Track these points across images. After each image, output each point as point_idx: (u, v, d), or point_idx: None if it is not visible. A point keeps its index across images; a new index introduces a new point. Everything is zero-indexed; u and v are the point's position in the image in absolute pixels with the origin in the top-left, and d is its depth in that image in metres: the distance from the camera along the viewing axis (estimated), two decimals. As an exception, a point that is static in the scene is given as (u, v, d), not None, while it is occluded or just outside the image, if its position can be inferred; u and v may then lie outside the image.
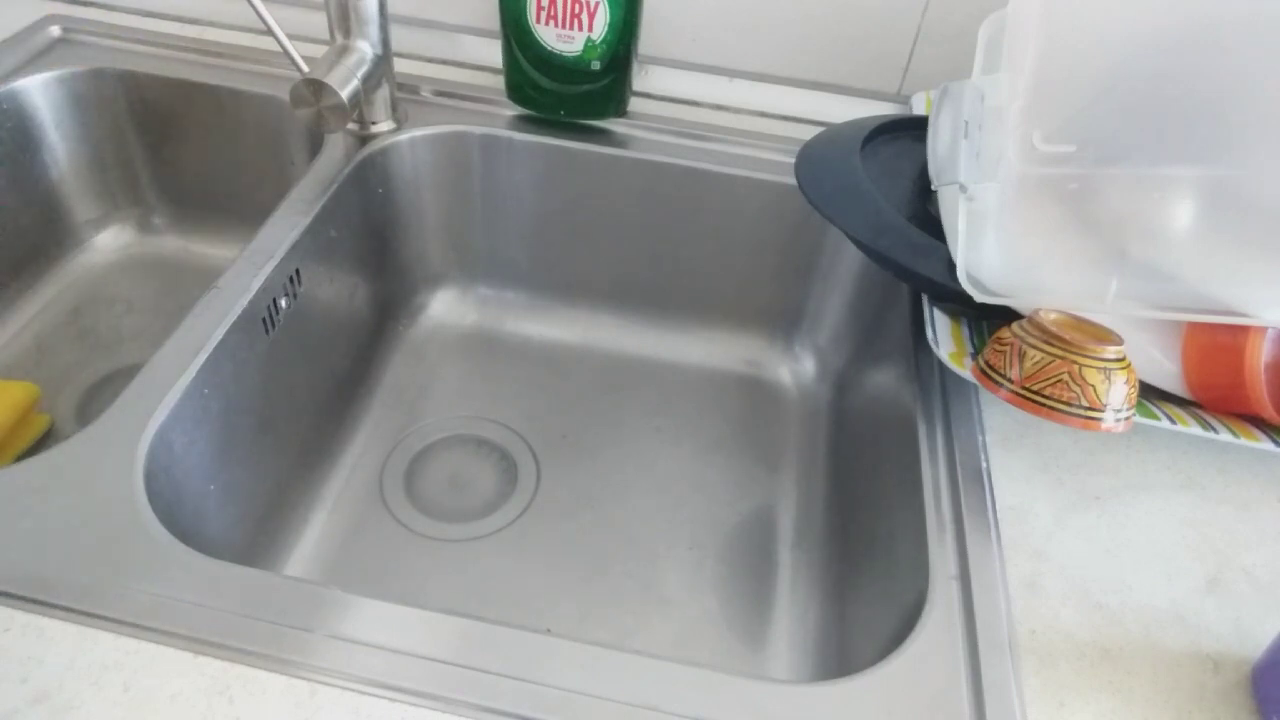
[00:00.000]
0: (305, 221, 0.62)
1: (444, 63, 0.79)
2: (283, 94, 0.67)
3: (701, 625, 0.62)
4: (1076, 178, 0.47)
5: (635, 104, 0.76)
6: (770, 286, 0.79)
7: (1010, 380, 0.47)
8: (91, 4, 0.81)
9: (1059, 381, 0.45)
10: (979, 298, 0.50)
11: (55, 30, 0.77)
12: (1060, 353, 0.45)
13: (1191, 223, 0.46)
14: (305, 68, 0.63)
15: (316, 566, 0.63)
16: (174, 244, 0.84)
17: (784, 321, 0.81)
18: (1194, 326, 0.50)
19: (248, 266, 0.57)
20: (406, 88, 0.75)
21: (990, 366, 0.48)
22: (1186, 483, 0.51)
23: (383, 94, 0.69)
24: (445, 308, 0.83)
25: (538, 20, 0.67)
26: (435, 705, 0.37)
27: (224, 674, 0.37)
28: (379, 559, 0.64)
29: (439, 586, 0.63)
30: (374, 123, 0.71)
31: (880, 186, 0.57)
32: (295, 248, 0.60)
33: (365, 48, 0.65)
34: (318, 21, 0.66)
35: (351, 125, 0.71)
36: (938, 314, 0.55)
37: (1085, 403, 0.45)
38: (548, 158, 0.74)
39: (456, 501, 0.68)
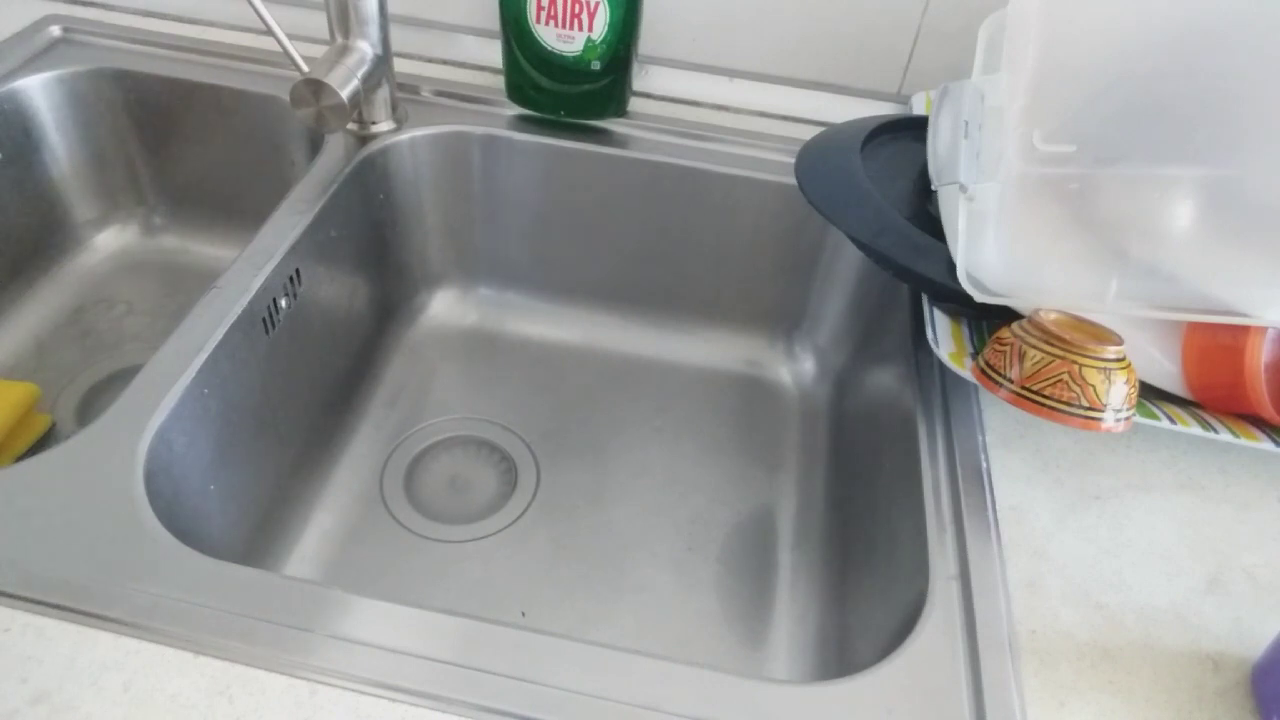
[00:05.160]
0: (305, 221, 0.62)
1: (444, 63, 0.79)
2: (283, 94, 0.67)
3: (701, 625, 0.62)
4: (1076, 178, 0.47)
5: (635, 104, 0.76)
6: (770, 286, 0.79)
7: (1010, 380, 0.47)
8: (91, 4, 0.81)
9: (1059, 381, 0.45)
10: (979, 298, 0.50)
11: (55, 30, 0.77)
12: (1060, 353, 0.45)
13: (1191, 223, 0.46)
14: (305, 68, 0.63)
15: (316, 566, 0.63)
16: (174, 244, 0.84)
17: (784, 321, 0.81)
18: (1194, 326, 0.50)
19: (248, 266, 0.57)
20: (406, 88, 0.75)
21: (990, 366, 0.48)
22: (1186, 483, 0.51)
23: (383, 94, 0.69)
24: (445, 308, 0.83)
25: (538, 20, 0.67)
26: (435, 705, 0.37)
27: (224, 674, 0.37)
28: (379, 559, 0.64)
29: (439, 587, 0.63)
30: (374, 123, 0.71)
31: (880, 186, 0.57)
32: (295, 248, 0.60)
33: (365, 48, 0.65)
34: (318, 21, 0.66)
35: (351, 125, 0.71)
36: (938, 314, 0.55)
37: (1085, 403, 0.45)
38: (548, 158, 0.74)
39: (456, 502, 0.68)
